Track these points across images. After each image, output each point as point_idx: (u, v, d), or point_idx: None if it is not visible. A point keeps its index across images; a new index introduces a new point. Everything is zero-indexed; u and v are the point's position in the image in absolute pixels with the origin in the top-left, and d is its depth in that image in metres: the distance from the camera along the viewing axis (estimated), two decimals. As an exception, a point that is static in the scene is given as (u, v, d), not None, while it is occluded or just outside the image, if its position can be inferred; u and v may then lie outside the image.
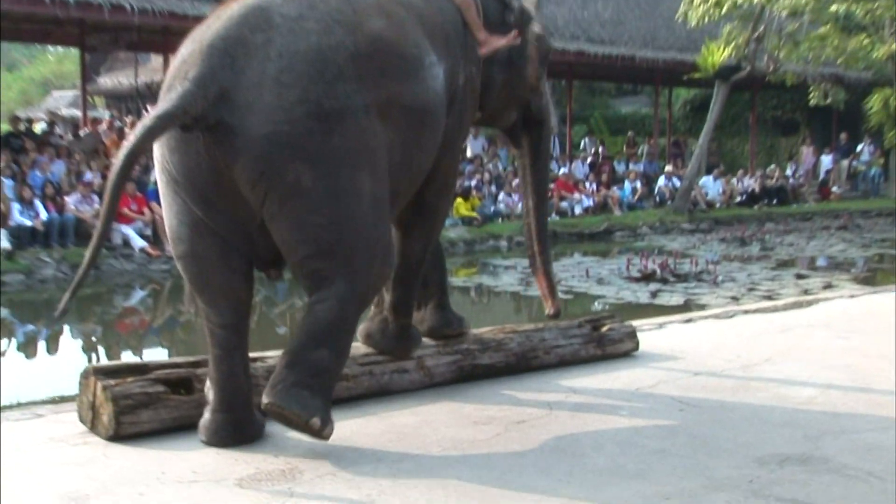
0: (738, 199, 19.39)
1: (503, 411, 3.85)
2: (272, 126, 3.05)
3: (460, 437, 3.48)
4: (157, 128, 2.99)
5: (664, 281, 10.21)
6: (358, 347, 3.98)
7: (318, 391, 3.16)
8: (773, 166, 21.11)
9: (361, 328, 4.06)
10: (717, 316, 6.35)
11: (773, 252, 13.43)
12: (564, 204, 16.81)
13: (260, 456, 3.22)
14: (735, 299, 8.93)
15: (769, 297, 8.79)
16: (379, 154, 3.25)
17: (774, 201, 19.51)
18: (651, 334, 5.57)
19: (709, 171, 19.68)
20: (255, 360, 3.63)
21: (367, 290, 3.30)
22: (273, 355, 3.83)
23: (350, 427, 3.52)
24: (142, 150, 3.01)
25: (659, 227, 16.78)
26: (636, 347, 5.02)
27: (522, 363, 4.52)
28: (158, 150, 3.22)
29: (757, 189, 19.64)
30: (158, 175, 3.28)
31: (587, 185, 17.82)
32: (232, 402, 3.32)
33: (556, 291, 4.52)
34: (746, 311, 6.54)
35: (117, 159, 2.95)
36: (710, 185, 19.17)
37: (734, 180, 20.00)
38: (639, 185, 18.49)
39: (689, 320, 6.18)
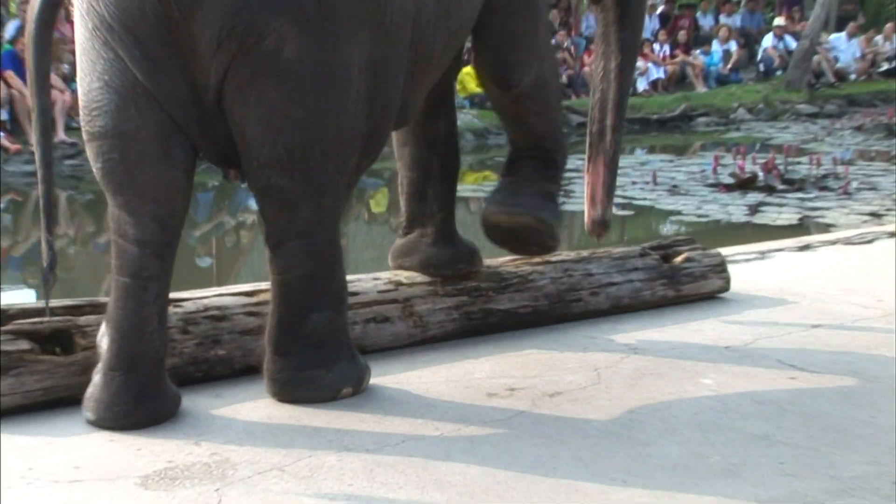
0: (885, 66, 19.26)
1: (529, 378, 3.88)
2: None
3: (467, 416, 3.51)
4: None
5: (769, 190, 10.19)
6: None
7: (332, 359, 3.58)
8: (937, 18, 20.92)
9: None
10: (848, 241, 6.35)
11: (935, 147, 13.39)
12: (623, 75, 16.69)
13: (174, 443, 3.25)
14: (876, 216, 8.93)
15: (927, 214, 8.79)
16: None
17: (939, 71, 19.38)
18: (749, 268, 5.57)
19: (840, 27, 19.50)
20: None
21: (343, 193, 3.53)
22: (192, 297, 3.85)
23: (298, 407, 3.54)
24: None
25: (763, 111, 16.70)
26: (726, 286, 5.04)
27: (558, 309, 4.54)
28: None
29: (912, 53, 19.50)
30: (80, 19, 3.32)
31: (656, 48, 17.69)
32: (136, 359, 3.33)
33: (612, 197, 4.55)
34: (893, 234, 6.54)
35: (33, 4, 3.03)
36: (843, 47, 19.01)
37: (878, 39, 19.83)
38: (733, 47, 18.34)
39: (805, 247, 6.19)
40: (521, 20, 4.10)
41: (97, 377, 3.36)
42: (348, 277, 4.13)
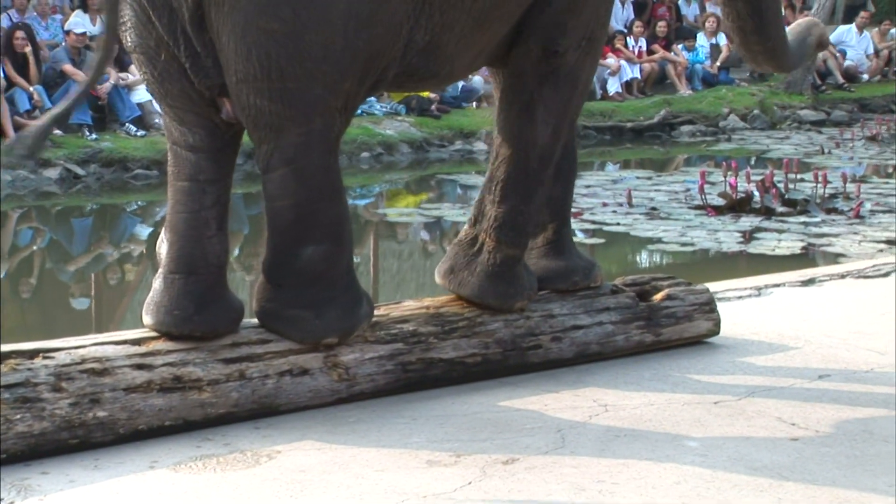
0: (901, 66, 19.50)
1: (479, 442, 3.88)
2: None
3: (403, 489, 3.50)
4: None
5: (767, 213, 10.25)
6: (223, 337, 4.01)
7: (324, 301, 3.98)
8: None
9: (442, 261, 4.56)
10: (860, 274, 6.40)
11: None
12: (591, 75, 16.75)
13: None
14: (893, 245, 9.01)
15: (953, 243, 8.89)
16: None
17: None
18: (742, 306, 5.60)
19: (849, 18, 19.74)
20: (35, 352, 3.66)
21: (337, 118, 3.80)
22: (66, 347, 3.81)
23: (195, 479, 3.52)
24: None
25: (758, 118, 16.82)
26: (716, 329, 5.07)
27: (513, 358, 4.54)
28: None
29: (934, 49, 19.77)
30: None
31: (630, 42, 17.82)
32: (196, 262, 3.96)
33: None
34: (912, 266, 6.61)
35: None
36: (852, 42, 19.24)
37: (894, 32, 20.09)
38: (723, 41, 18.49)
39: (810, 281, 6.23)
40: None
41: (157, 282, 3.98)
42: (255, 320, 4.15)
